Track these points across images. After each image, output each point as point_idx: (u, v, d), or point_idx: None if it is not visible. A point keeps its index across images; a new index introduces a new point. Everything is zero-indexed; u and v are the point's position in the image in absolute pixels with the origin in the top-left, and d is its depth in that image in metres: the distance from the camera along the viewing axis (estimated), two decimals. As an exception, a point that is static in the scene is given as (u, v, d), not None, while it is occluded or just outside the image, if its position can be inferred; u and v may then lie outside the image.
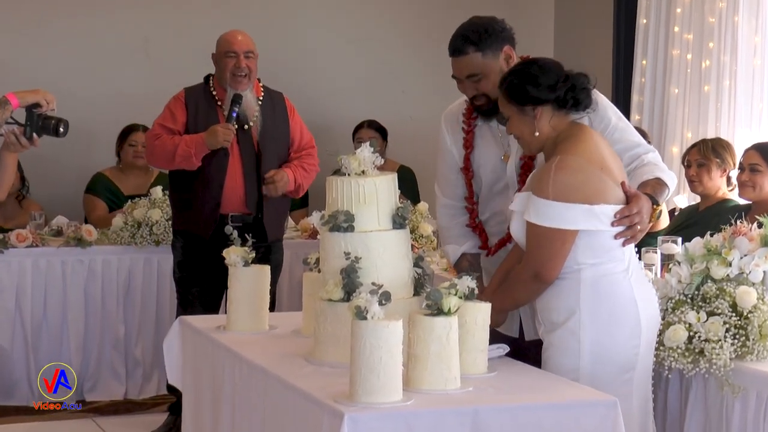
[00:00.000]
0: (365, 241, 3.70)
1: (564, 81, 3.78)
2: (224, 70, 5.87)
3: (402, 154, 8.15)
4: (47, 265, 6.66)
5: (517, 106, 3.81)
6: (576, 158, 3.70)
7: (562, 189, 3.66)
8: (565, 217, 3.66)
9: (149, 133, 6.01)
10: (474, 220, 4.24)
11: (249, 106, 5.86)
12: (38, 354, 6.65)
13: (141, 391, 6.88)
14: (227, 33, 5.98)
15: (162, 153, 5.82)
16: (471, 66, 4.06)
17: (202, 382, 4.30)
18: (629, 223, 3.73)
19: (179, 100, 5.93)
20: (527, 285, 3.78)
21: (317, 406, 3.29)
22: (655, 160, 4.04)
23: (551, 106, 3.79)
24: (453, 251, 4.30)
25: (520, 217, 3.79)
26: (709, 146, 5.86)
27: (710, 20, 6.85)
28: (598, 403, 3.38)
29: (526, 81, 3.78)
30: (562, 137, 3.78)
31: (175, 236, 6.08)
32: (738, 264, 4.05)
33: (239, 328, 4.25)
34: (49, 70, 7.89)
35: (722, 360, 3.86)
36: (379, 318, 3.23)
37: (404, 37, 8.60)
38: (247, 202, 5.85)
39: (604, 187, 3.71)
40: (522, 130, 3.83)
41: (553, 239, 3.69)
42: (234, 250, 4.28)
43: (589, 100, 3.82)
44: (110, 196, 7.43)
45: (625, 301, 3.75)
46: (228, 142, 5.74)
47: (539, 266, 3.72)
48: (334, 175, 3.85)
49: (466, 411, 3.26)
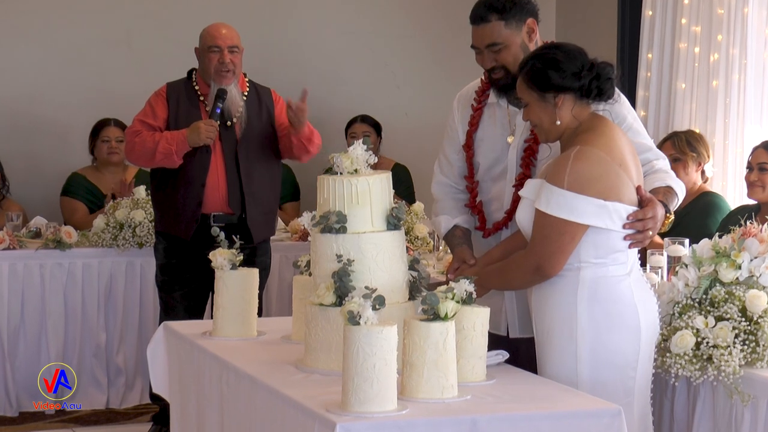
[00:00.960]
0: (358, 242, 3.67)
1: (589, 69, 3.75)
2: (208, 65, 5.79)
3: (397, 151, 8.11)
4: (25, 268, 6.60)
5: (539, 92, 3.77)
6: (596, 150, 3.68)
7: (577, 179, 3.63)
8: (577, 209, 3.64)
9: (129, 129, 5.94)
10: (474, 200, 4.22)
11: (233, 102, 5.77)
12: (15, 362, 6.60)
13: (123, 400, 6.84)
14: (211, 26, 5.89)
15: (142, 150, 5.74)
16: (493, 35, 4.03)
17: (188, 391, 4.28)
18: (642, 228, 3.72)
19: (160, 95, 5.86)
20: (526, 275, 3.75)
21: (308, 416, 3.26)
22: (665, 168, 4.06)
23: (574, 95, 3.75)
24: (446, 221, 4.28)
25: (529, 204, 3.75)
26: (684, 140, 5.88)
27: (719, 12, 6.84)
28: (601, 413, 3.36)
29: (550, 66, 3.74)
30: (583, 128, 3.76)
31: (157, 238, 6.02)
32: (748, 267, 4.01)
33: (226, 334, 4.23)
34: (27, 63, 7.81)
35: (731, 367, 3.81)
36: (373, 323, 3.21)
37: (400, 30, 8.54)
38: (230, 201, 5.77)
39: (620, 184, 3.69)
40: (541, 117, 3.79)
41: (562, 232, 3.66)
42: (221, 253, 4.24)
43: (613, 90, 3.80)
44: (89, 197, 7.36)
45: (625, 305, 3.73)
46: (211, 139, 5.67)
47: (543, 259, 3.69)
48: (326, 173, 3.82)
49: (464, 421, 3.23)
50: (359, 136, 7.13)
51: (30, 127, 7.87)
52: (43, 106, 7.87)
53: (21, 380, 6.56)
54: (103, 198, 7.21)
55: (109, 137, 7.35)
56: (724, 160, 6.64)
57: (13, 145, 7.73)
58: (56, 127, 7.89)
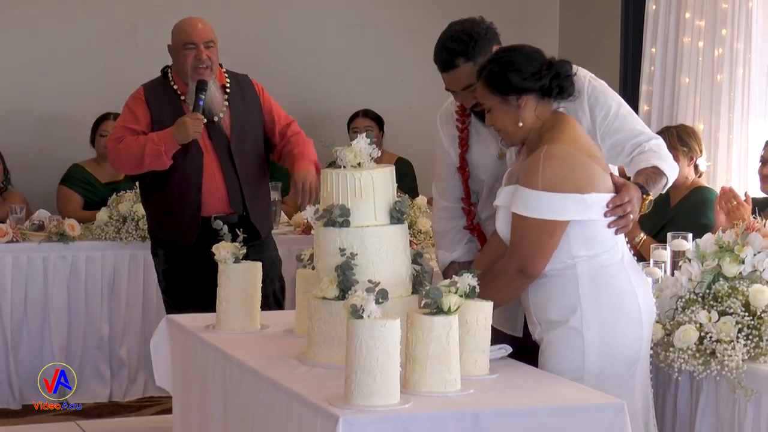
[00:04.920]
0: (361, 236, 3.66)
1: (548, 68, 3.73)
2: (184, 62, 5.53)
3: (400, 145, 8.08)
4: (28, 261, 6.58)
5: (501, 96, 3.75)
6: (564, 147, 3.68)
7: (551, 179, 3.63)
8: (555, 208, 3.63)
9: (110, 137, 5.67)
10: (471, 222, 4.22)
11: (214, 98, 5.53)
12: (18, 354, 6.58)
13: (126, 393, 6.81)
14: (183, 22, 5.64)
15: (128, 156, 5.50)
16: (465, 77, 3.99)
17: (191, 384, 4.27)
18: (622, 213, 3.72)
19: (138, 98, 5.62)
20: (512, 280, 3.72)
21: (311, 409, 3.26)
22: (656, 148, 4.01)
23: (535, 95, 3.74)
24: (442, 258, 4.30)
25: (506, 212, 3.74)
26: (675, 135, 5.85)
27: (723, 6, 6.80)
28: (604, 407, 3.35)
29: (509, 69, 3.73)
30: (547, 126, 3.75)
31: (154, 243, 5.76)
32: (751, 261, 4.00)
33: (229, 327, 4.22)
34: (32, 56, 7.79)
35: (734, 362, 3.80)
36: (376, 317, 3.20)
37: (404, 22, 8.49)
38: (230, 200, 5.54)
39: (593, 175, 3.69)
40: (504, 121, 3.78)
41: (541, 231, 3.65)
42: (224, 246, 4.22)
43: (573, 87, 3.79)
44: (87, 187, 7.33)
45: (625, 293, 3.74)
46: (198, 133, 5.43)
47: (525, 260, 3.67)
48: (329, 167, 3.81)
49: (467, 414, 3.22)
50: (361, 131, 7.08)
51: (34, 119, 7.87)
52: (47, 99, 7.86)
53: (24, 373, 6.54)
54: (101, 187, 7.16)
55: (107, 131, 7.26)
56: (728, 154, 6.61)
57: (17, 137, 7.72)
58: (61, 120, 7.88)
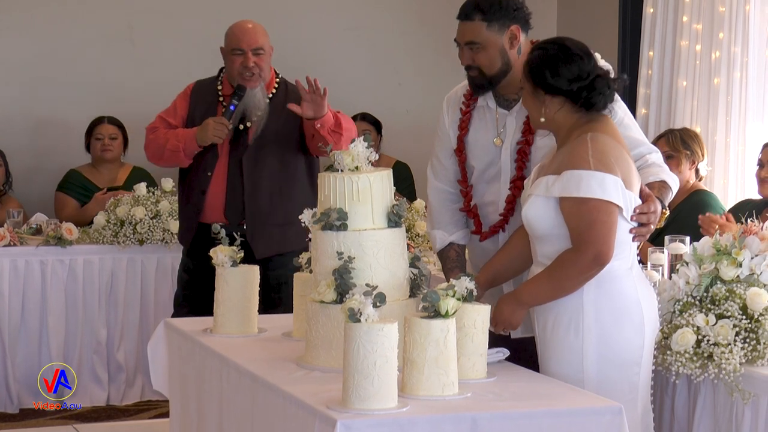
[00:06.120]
0: (359, 240, 3.65)
1: (585, 78, 3.69)
2: (231, 67, 5.44)
3: (398, 149, 8.07)
4: (26, 265, 6.60)
5: (532, 84, 3.75)
6: (608, 137, 3.67)
7: (602, 159, 3.60)
8: (609, 187, 3.59)
9: (149, 125, 5.62)
10: (468, 203, 4.19)
11: (254, 102, 5.40)
12: (16, 358, 6.58)
13: (124, 396, 6.83)
14: (235, 26, 5.50)
15: (154, 147, 5.49)
16: (472, 33, 4.03)
17: (189, 388, 4.27)
18: (646, 221, 3.72)
19: (185, 92, 5.57)
20: (584, 269, 3.60)
21: (308, 413, 3.25)
22: (659, 161, 4.05)
23: (562, 99, 3.72)
24: (441, 237, 4.24)
25: (544, 201, 3.65)
26: (678, 137, 5.87)
27: (720, 9, 6.80)
28: (602, 410, 3.35)
29: (547, 65, 3.71)
30: (587, 119, 3.71)
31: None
32: (749, 264, 3.99)
33: (227, 330, 4.21)
34: (29, 59, 7.77)
35: (732, 365, 3.79)
36: (374, 320, 3.19)
37: (402, 26, 8.49)
38: (226, 210, 5.40)
39: (632, 173, 3.69)
40: (530, 107, 3.80)
41: (608, 212, 3.59)
42: (221, 249, 4.22)
43: (604, 104, 3.74)
44: (83, 192, 7.31)
45: (629, 301, 3.71)
46: (219, 138, 5.33)
47: (600, 245, 3.58)
48: (327, 171, 3.79)
49: (465, 418, 3.22)
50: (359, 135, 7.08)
51: (31, 123, 7.85)
52: (44, 102, 7.84)
53: (21, 377, 6.55)
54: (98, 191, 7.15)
55: (102, 135, 7.31)
56: (725, 157, 6.61)
57: (15, 141, 7.70)
58: (58, 124, 7.87)
